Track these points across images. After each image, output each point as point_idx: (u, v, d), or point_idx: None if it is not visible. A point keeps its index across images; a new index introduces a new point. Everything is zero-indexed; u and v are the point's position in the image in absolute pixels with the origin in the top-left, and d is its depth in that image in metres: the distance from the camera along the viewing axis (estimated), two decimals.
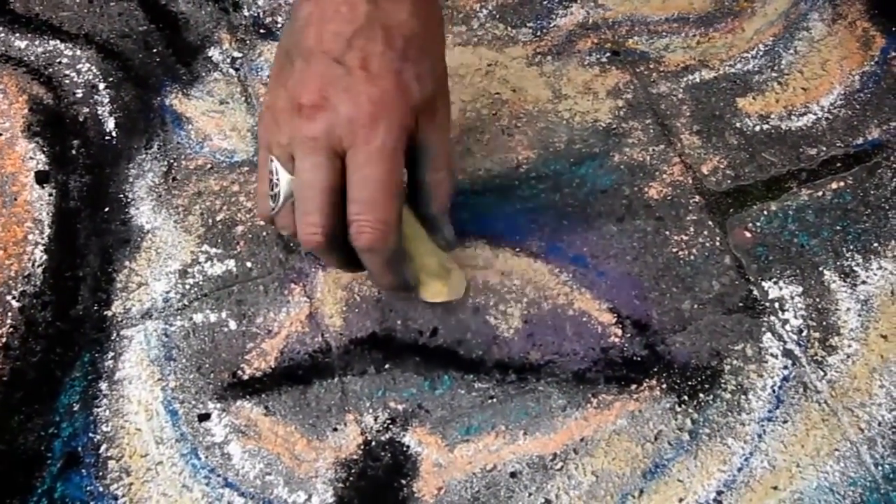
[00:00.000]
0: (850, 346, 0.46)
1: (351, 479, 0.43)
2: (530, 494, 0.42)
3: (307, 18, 0.36)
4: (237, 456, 0.44)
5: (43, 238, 0.51)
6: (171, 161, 0.54)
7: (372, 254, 0.37)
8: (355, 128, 0.34)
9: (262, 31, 0.60)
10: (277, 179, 0.37)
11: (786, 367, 0.46)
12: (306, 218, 0.36)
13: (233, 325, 0.48)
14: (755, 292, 0.48)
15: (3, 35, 0.59)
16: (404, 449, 0.44)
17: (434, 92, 0.38)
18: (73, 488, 0.43)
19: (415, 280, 0.45)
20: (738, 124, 0.55)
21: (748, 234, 0.50)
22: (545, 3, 0.61)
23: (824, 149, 0.54)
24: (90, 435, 0.45)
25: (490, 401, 0.45)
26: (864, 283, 0.48)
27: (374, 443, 0.44)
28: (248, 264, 0.50)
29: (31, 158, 0.54)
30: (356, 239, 0.36)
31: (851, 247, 0.50)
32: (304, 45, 0.35)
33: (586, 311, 0.48)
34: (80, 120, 0.56)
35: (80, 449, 0.44)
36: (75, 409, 0.46)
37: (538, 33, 0.60)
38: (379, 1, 0.35)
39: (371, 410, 0.45)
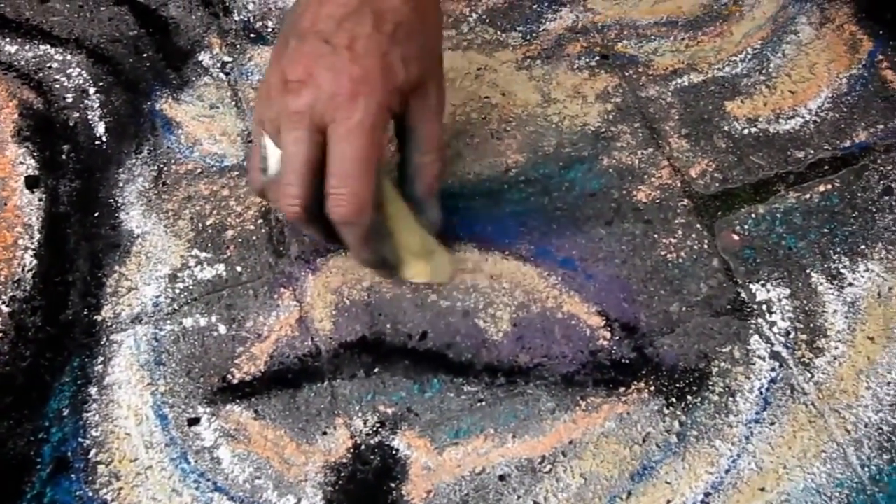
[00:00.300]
0: (836, 348, 0.47)
1: (340, 482, 0.43)
2: (519, 497, 0.43)
3: (306, 3, 0.38)
4: (227, 460, 0.44)
5: (33, 243, 0.51)
6: (161, 166, 0.54)
7: (347, 227, 0.39)
8: (336, 104, 0.36)
9: (252, 35, 0.60)
10: (266, 153, 0.39)
11: (773, 370, 0.46)
12: (286, 189, 0.38)
13: (222, 329, 0.48)
14: (743, 295, 0.49)
15: None
16: (393, 452, 0.44)
17: (423, 76, 0.39)
18: (62, 493, 0.43)
19: (395, 258, 0.46)
20: (726, 127, 0.55)
21: (736, 237, 0.51)
22: (535, 7, 0.62)
23: (812, 151, 0.54)
24: (79, 440, 0.45)
25: (479, 404, 0.45)
26: (850, 285, 0.49)
27: (363, 446, 0.44)
28: (238, 269, 0.50)
29: (21, 163, 0.54)
30: (332, 211, 0.37)
31: (838, 249, 0.50)
32: (299, 26, 0.37)
33: (575, 315, 0.48)
34: (71, 125, 0.56)
35: (69, 454, 0.44)
36: (65, 413, 0.46)
37: (528, 37, 0.60)
38: None
39: (360, 414, 0.45)
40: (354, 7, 0.36)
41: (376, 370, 0.47)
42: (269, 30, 0.60)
